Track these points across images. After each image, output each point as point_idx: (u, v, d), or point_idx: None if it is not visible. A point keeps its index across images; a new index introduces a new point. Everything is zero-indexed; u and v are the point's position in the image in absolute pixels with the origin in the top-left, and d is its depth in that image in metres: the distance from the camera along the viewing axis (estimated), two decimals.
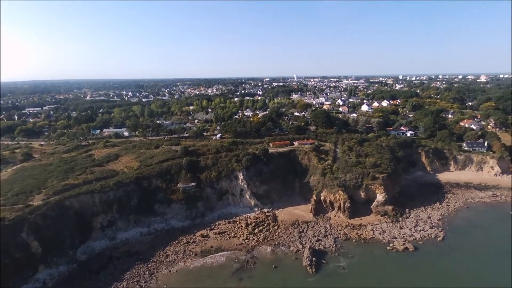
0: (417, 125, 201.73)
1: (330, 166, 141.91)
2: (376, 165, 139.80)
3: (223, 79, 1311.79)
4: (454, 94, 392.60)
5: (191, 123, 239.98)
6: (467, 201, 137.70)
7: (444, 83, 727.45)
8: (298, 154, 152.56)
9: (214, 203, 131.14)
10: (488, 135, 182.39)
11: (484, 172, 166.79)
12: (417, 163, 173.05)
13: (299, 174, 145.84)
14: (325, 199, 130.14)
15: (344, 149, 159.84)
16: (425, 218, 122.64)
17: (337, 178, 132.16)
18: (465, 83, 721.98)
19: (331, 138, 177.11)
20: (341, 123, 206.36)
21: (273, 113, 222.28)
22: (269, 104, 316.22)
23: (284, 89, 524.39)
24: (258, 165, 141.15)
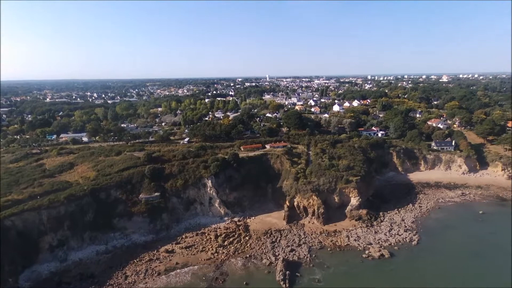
0: (388, 125, 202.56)
1: (303, 170, 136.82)
2: (349, 168, 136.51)
3: (195, 80, 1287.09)
4: (420, 93, 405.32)
5: (158, 126, 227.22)
6: (438, 201, 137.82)
7: (410, 83, 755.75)
8: (270, 158, 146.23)
9: (181, 214, 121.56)
10: (455, 134, 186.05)
11: (452, 171, 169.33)
12: (389, 164, 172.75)
13: (271, 179, 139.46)
14: (298, 205, 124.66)
15: (317, 151, 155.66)
16: (399, 221, 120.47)
17: (310, 182, 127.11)
18: (429, 83, 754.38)
19: (303, 140, 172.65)
20: (313, 124, 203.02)
21: (244, 115, 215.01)
22: (241, 105, 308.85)
23: (256, 90, 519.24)
24: (228, 171, 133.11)
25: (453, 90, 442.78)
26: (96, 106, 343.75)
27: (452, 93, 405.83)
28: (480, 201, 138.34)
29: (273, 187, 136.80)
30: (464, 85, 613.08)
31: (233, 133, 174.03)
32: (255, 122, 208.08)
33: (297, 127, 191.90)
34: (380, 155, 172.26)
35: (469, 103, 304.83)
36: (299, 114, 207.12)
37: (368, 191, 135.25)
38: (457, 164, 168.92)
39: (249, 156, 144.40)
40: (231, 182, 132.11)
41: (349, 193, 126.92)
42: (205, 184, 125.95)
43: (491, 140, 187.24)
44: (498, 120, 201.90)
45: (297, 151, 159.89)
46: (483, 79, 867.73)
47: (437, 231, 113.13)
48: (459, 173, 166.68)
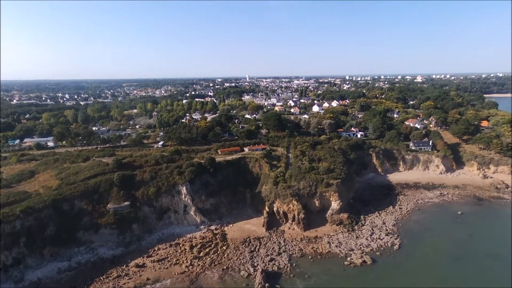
0: (367, 126, 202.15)
1: (283, 173, 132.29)
2: (330, 171, 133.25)
3: (173, 80, 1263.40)
4: (397, 93, 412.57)
5: (132, 129, 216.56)
6: (418, 203, 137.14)
7: (387, 83, 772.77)
8: (249, 162, 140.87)
9: (153, 223, 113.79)
10: (432, 134, 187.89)
11: (430, 171, 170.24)
12: (368, 165, 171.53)
13: (250, 184, 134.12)
14: (278, 210, 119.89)
15: (296, 153, 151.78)
16: (380, 224, 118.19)
17: (290, 186, 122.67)
18: (404, 83, 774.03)
19: (283, 142, 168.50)
20: (293, 125, 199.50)
21: (222, 117, 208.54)
22: (219, 106, 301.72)
23: (235, 90, 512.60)
24: (204, 176, 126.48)
25: (427, 90, 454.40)
26: (66, 108, 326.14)
27: (427, 93, 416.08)
28: (458, 201, 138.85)
29: (251, 192, 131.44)
30: (438, 85, 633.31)
31: (210, 136, 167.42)
32: (234, 124, 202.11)
33: (276, 129, 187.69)
34: (360, 156, 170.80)
35: (444, 103, 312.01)
36: (278, 115, 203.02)
37: (349, 194, 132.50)
38: (434, 164, 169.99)
39: (227, 160, 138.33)
40: (208, 188, 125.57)
41: (330, 197, 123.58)
42: (179, 191, 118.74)
43: (466, 140, 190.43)
44: (472, 120, 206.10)
45: (277, 153, 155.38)
46: (455, 80, 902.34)
47: (417, 234, 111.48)
48: (436, 173, 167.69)
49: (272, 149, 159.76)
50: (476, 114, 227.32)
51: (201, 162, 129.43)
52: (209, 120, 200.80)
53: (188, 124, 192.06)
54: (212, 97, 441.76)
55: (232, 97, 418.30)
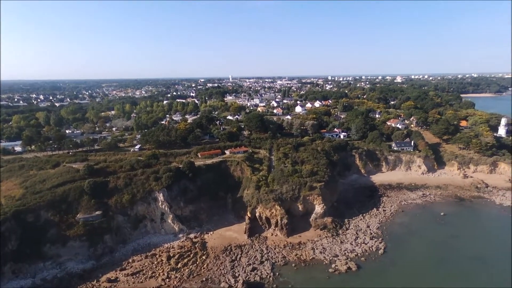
0: (350, 127, 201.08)
1: (265, 177, 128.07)
2: (313, 173, 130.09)
3: (155, 80, 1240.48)
4: (378, 94, 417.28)
5: (108, 132, 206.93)
6: (401, 204, 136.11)
7: (368, 83, 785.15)
8: (230, 166, 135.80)
9: (128, 233, 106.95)
10: (413, 135, 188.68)
11: (412, 171, 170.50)
12: (351, 166, 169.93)
13: (231, 188, 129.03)
14: (260, 215, 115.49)
15: (279, 156, 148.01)
16: (365, 227, 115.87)
17: (272, 191, 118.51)
18: (385, 83, 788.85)
19: (265, 144, 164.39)
20: (275, 126, 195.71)
21: (203, 118, 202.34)
22: (201, 108, 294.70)
23: (218, 91, 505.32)
24: (182, 181, 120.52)
25: (407, 90, 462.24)
26: (39, 109, 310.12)
27: (407, 93, 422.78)
28: (440, 201, 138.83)
29: (233, 197, 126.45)
30: (417, 86, 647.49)
31: (190, 139, 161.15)
32: (215, 126, 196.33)
33: (258, 130, 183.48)
34: (343, 157, 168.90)
35: (423, 103, 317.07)
36: (261, 116, 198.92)
37: (333, 197, 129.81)
38: (416, 164, 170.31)
39: (207, 164, 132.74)
40: (186, 194, 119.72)
41: (313, 201, 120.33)
42: (156, 198, 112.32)
43: (446, 140, 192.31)
44: (451, 120, 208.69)
45: (259, 156, 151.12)
46: (433, 80, 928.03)
47: (402, 237, 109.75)
48: (418, 173, 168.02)
49: (254, 152, 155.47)
50: (455, 114, 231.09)
51: (179, 167, 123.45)
52: (189, 122, 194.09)
53: (167, 126, 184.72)
54: (194, 98, 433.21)
55: (214, 98, 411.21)
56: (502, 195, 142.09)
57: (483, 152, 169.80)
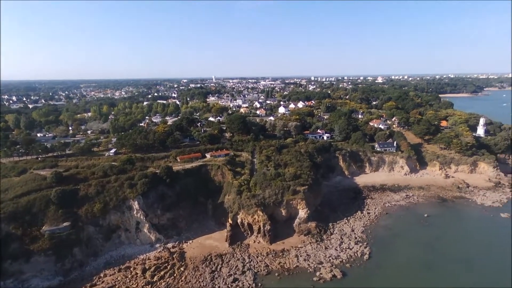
0: (333, 128, 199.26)
1: (247, 181, 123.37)
2: (296, 176, 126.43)
3: (136, 81, 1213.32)
4: (360, 94, 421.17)
5: (82, 135, 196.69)
6: (385, 206, 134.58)
7: (350, 83, 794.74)
8: (210, 170, 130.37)
9: (100, 245, 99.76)
10: (396, 135, 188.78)
11: (395, 172, 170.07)
12: (335, 168, 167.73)
13: (212, 193, 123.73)
14: (242, 222, 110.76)
15: (262, 159, 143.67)
16: (349, 232, 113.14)
17: (255, 195, 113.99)
18: (367, 83, 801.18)
19: (248, 147, 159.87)
20: (258, 128, 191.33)
21: (183, 120, 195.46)
22: (182, 109, 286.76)
23: (200, 91, 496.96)
24: (160, 187, 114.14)
25: (389, 91, 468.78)
26: (10, 111, 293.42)
27: (388, 93, 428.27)
28: (423, 202, 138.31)
29: (214, 203, 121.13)
30: (398, 86, 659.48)
31: (169, 142, 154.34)
32: (196, 128, 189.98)
33: (241, 132, 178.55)
34: (327, 159, 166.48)
35: (404, 103, 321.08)
36: (243, 117, 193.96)
37: (316, 200, 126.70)
38: (399, 165, 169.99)
39: (186, 169, 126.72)
40: (164, 200, 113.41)
41: (297, 205, 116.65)
42: (130, 206, 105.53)
43: (427, 140, 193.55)
44: (432, 120, 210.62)
45: (241, 159, 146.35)
46: (412, 80, 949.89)
47: (386, 241, 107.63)
48: (401, 174, 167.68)
49: (236, 154, 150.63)
50: (436, 114, 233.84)
51: (156, 172, 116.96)
52: (169, 124, 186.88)
53: (144, 128, 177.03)
54: (176, 99, 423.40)
55: (196, 99, 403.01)
56: (483, 195, 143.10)
57: (463, 152, 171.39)
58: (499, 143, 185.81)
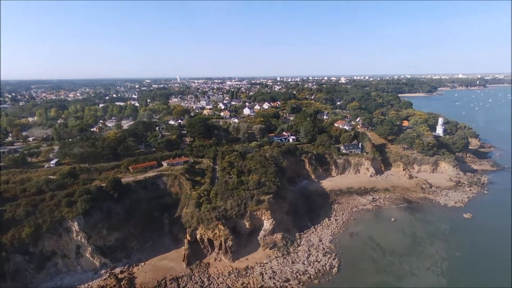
0: (298, 129, 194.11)
1: (207, 191, 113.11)
2: (261, 184, 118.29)
3: (94, 81, 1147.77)
4: (325, 94, 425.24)
5: (22, 143, 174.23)
6: (352, 211, 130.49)
7: (315, 84, 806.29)
8: (166, 180, 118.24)
9: (31, 276, 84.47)
10: (361, 136, 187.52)
11: (361, 174, 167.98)
12: (301, 172, 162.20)
13: (168, 207, 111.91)
14: (202, 238, 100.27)
15: (224, 165, 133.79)
16: (317, 242, 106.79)
17: (215, 208, 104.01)
18: (331, 83, 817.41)
19: (209, 152, 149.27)
20: (221, 131, 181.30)
21: (139, 124, 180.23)
22: (140, 111, 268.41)
23: (163, 92, 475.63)
24: (106, 204, 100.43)
25: (352, 91, 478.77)
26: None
27: (352, 93, 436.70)
28: (389, 205, 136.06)
29: (170, 217, 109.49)
30: (360, 86, 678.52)
31: (121, 149, 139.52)
32: (153, 133, 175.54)
33: (202, 137, 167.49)
34: (293, 163, 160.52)
35: (367, 104, 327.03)
36: (204, 120, 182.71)
37: (282, 209, 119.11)
38: (365, 167, 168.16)
39: (138, 180, 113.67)
40: (111, 219, 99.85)
41: (262, 216, 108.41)
42: (69, 228, 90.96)
43: (391, 140, 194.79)
44: (394, 120, 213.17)
45: (201, 166, 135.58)
46: (373, 81, 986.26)
47: (355, 251, 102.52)
48: (367, 176, 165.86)
49: (197, 161, 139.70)
50: (398, 115, 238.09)
51: (101, 186, 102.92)
52: (121, 130, 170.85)
53: (94, 134, 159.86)
54: (136, 100, 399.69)
55: (158, 100, 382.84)
56: (445, 195, 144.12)
57: (425, 152, 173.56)
58: (457, 142, 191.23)
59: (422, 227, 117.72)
